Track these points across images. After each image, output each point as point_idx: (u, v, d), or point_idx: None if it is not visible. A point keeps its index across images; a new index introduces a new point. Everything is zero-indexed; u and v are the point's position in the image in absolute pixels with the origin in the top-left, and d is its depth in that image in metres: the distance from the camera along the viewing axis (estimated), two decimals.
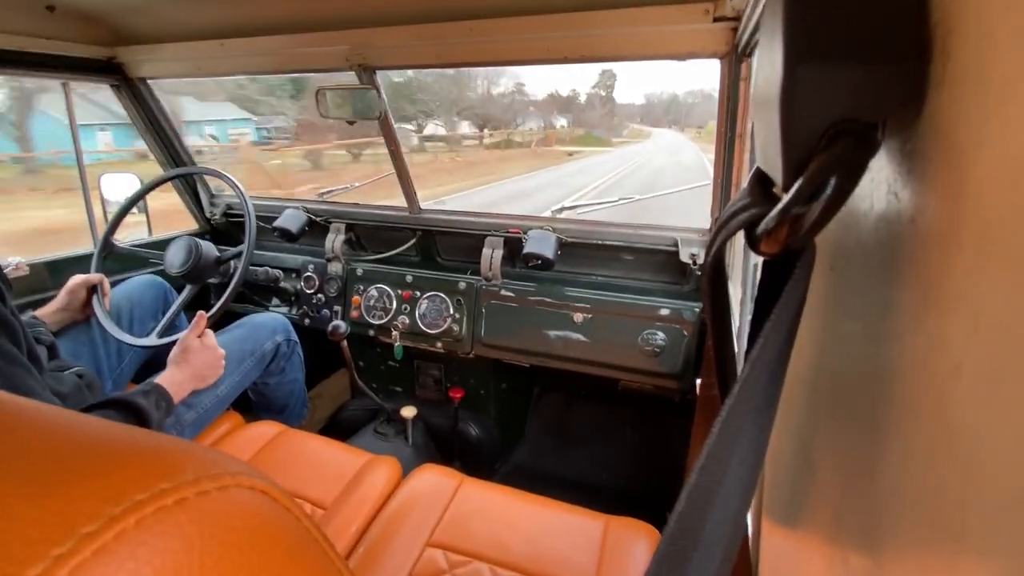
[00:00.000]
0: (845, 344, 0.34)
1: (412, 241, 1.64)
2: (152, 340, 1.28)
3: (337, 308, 1.64)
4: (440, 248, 1.67)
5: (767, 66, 0.26)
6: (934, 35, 0.22)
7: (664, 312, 1.29)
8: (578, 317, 1.36)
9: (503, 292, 1.45)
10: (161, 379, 1.09)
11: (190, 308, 1.46)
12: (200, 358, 1.17)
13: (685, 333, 1.28)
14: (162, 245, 1.47)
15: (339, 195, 1.84)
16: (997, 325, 0.17)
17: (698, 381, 1.25)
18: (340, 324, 1.46)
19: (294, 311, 1.71)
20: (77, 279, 1.28)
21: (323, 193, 1.84)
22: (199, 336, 1.19)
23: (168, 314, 1.35)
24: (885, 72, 0.23)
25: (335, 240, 1.63)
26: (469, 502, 1.02)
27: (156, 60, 1.48)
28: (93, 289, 1.31)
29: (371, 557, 0.92)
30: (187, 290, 1.40)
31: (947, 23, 0.21)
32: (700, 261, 1.30)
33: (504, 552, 0.92)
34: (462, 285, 1.49)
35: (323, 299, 1.65)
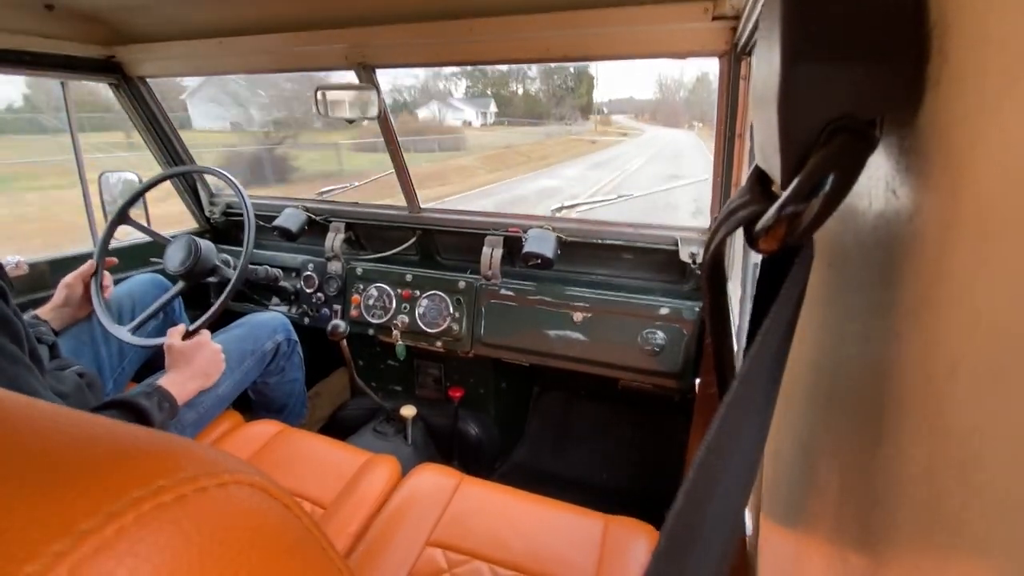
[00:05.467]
0: (843, 342, 0.34)
1: (412, 240, 1.64)
2: (126, 335, 1.27)
3: (337, 307, 1.64)
4: (440, 247, 1.67)
5: (766, 64, 0.26)
6: (931, 34, 0.22)
7: (664, 311, 1.29)
8: (578, 316, 1.36)
9: (503, 291, 1.44)
10: (162, 381, 1.09)
11: (191, 306, 1.46)
12: (198, 355, 1.17)
13: (685, 332, 1.28)
14: (161, 245, 1.47)
15: (339, 194, 1.84)
16: (995, 323, 0.17)
17: (697, 380, 1.25)
18: (340, 323, 1.46)
19: (294, 310, 1.70)
20: (73, 272, 1.28)
21: (322, 192, 1.84)
22: (185, 339, 1.19)
23: (148, 311, 1.34)
24: (883, 70, 0.23)
25: (335, 239, 1.63)
26: (468, 501, 1.02)
27: (155, 59, 1.48)
28: (93, 276, 1.30)
29: (370, 556, 0.92)
30: (177, 286, 1.39)
31: (944, 22, 0.21)
32: (700, 260, 1.30)
33: (503, 551, 0.92)
34: (462, 284, 1.49)
35: (323, 298, 1.65)
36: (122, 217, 1.40)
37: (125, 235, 1.54)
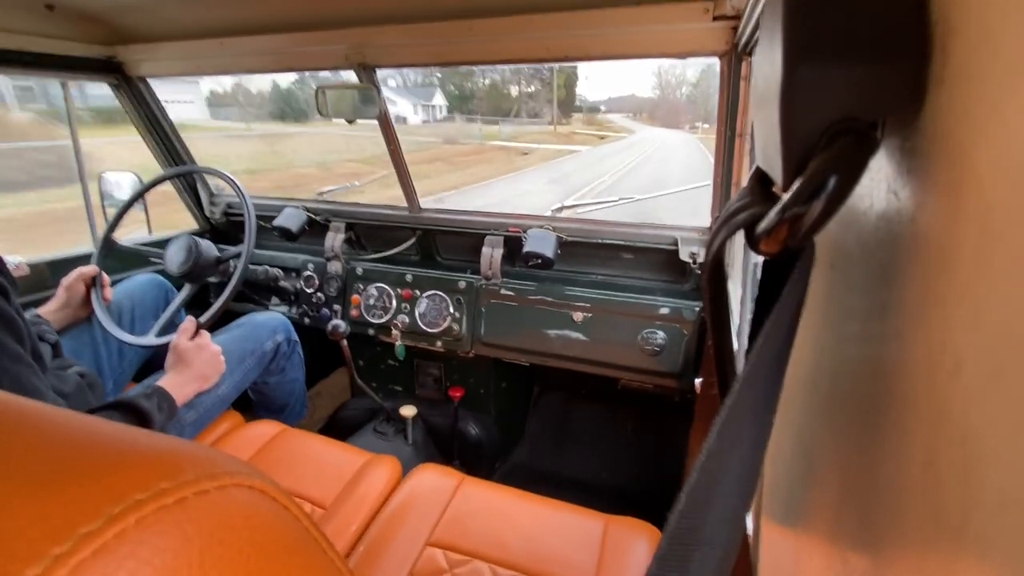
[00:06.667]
0: (845, 343, 0.34)
1: (412, 240, 1.64)
2: (150, 340, 1.28)
3: (337, 307, 1.64)
4: (440, 247, 1.67)
5: (767, 65, 0.26)
6: (934, 34, 0.22)
7: (664, 311, 1.29)
8: (578, 316, 1.36)
9: (503, 291, 1.44)
10: (162, 382, 1.09)
11: (191, 307, 1.46)
12: (198, 358, 1.17)
13: (685, 332, 1.28)
14: (162, 244, 1.47)
15: (339, 194, 1.84)
16: (997, 323, 0.17)
17: (698, 380, 1.25)
18: (340, 323, 1.46)
19: (294, 310, 1.71)
20: (73, 273, 1.28)
21: (323, 192, 1.84)
22: (191, 339, 1.19)
23: (166, 313, 1.35)
24: (885, 71, 0.23)
25: (335, 239, 1.63)
26: (469, 501, 1.02)
27: (156, 59, 1.48)
28: (93, 284, 1.31)
29: (371, 556, 0.92)
30: (186, 289, 1.40)
31: (947, 22, 0.21)
32: (700, 260, 1.30)
33: (504, 551, 0.92)
34: (462, 284, 1.49)
35: (323, 298, 1.65)
36: (108, 242, 1.40)
37: (124, 234, 1.54)
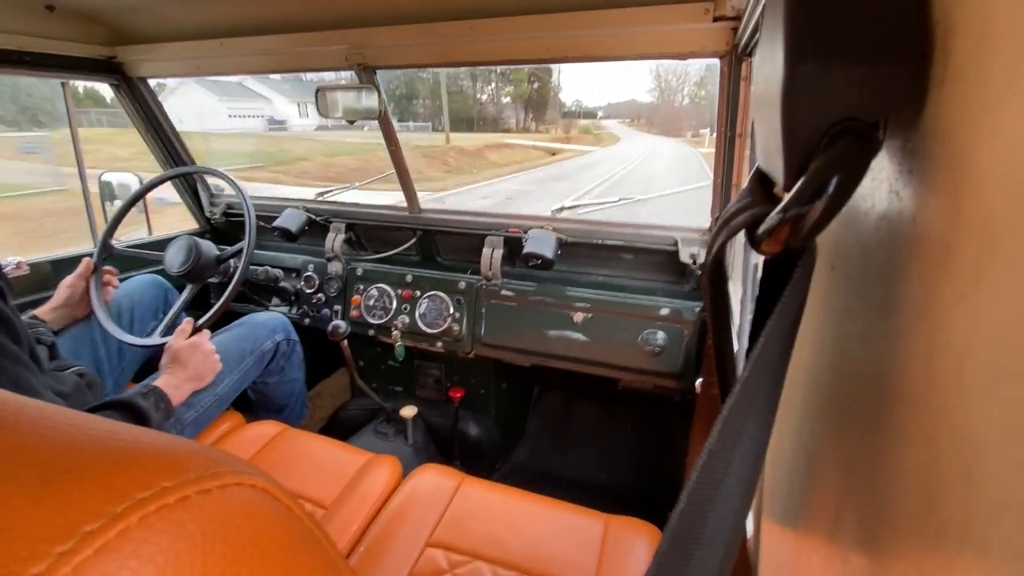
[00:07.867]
0: (846, 343, 0.34)
1: (412, 241, 1.64)
2: (153, 340, 1.28)
3: (337, 308, 1.64)
4: (440, 248, 1.67)
5: (768, 65, 0.26)
6: (935, 34, 0.22)
7: (664, 312, 1.29)
8: (578, 317, 1.36)
9: (503, 292, 1.45)
10: (158, 382, 1.09)
11: (191, 307, 1.46)
12: (192, 358, 1.17)
13: (685, 333, 1.28)
14: (162, 245, 1.47)
15: (339, 195, 1.85)
16: (999, 324, 0.17)
17: (698, 381, 1.25)
18: (340, 324, 1.46)
19: (294, 311, 1.71)
20: (72, 275, 1.29)
21: (322, 193, 1.84)
22: (186, 339, 1.19)
23: (169, 314, 1.36)
24: (886, 71, 0.23)
25: (335, 240, 1.63)
26: (469, 501, 1.02)
27: (156, 59, 1.48)
28: (94, 271, 1.31)
29: (371, 556, 0.92)
30: (187, 290, 1.40)
31: (948, 22, 0.21)
32: (700, 261, 1.30)
33: (504, 551, 0.92)
34: (462, 285, 1.49)
35: (323, 299, 1.65)
36: (107, 246, 1.40)
37: (125, 235, 1.54)
